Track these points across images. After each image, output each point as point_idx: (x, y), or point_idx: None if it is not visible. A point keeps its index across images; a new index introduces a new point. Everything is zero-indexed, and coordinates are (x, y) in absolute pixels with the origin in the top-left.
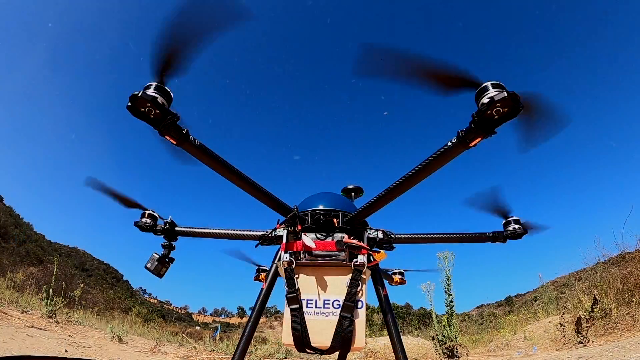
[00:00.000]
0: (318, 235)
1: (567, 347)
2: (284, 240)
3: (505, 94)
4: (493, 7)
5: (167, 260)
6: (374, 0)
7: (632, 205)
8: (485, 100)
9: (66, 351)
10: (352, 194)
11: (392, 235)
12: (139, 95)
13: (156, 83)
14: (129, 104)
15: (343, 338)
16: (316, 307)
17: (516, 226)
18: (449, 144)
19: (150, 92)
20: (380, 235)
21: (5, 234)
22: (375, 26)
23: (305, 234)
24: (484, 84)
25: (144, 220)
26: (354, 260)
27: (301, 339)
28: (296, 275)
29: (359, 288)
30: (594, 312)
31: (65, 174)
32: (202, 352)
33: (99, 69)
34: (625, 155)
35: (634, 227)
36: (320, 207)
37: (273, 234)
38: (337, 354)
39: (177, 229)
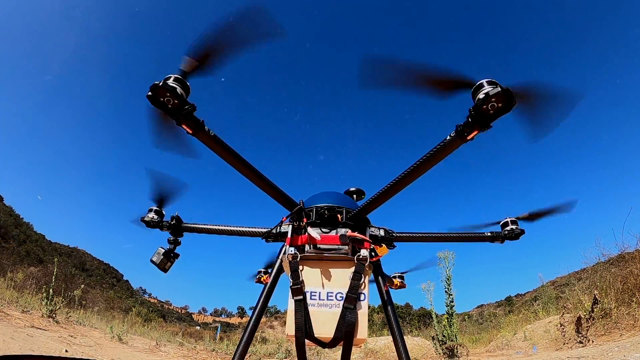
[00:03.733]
0: (322, 230)
1: (567, 347)
2: (289, 235)
3: (499, 89)
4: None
5: (172, 255)
6: (378, 1)
7: (632, 205)
8: (481, 95)
9: (66, 351)
10: (354, 196)
11: (393, 234)
12: (160, 85)
13: (175, 75)
14: (150, 93)
15: (346, 329)
16: (319, 299)
17: (513, 227)
18: (448, 137)
19: (171, 82)
20: (382, 233)
21: (5, 234)
22: (375, 25)
23: (310, 228)
24: (480, 81)
25: (150, 215)
26: (357, 254)
27: (304, 330)
28: (300, 268)
29: (362, 281)
30: (594, 312)
31: (65, 173)
32: (202, 352)
33: (99, 68)
34: (626, 155)
35: (634, 227)
36: (325, 204)
37: (278, 230)
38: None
39: (183, 225)
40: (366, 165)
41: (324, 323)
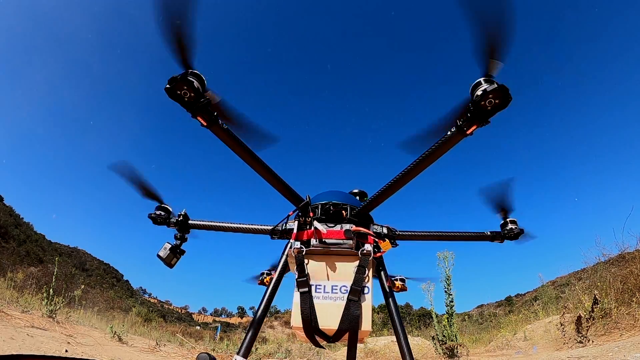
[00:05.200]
0: (328, 225)
1: (567, 346)
2: (295, 231)
3: (496, 86)
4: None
5: (178, 251)
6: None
7: (633, 205)
8: (479, 92)
9: (66, 351)
10: (357, 198)
11: (396, 232)
12: (178, 78)
13: (192, 70)
14: (168, 86)
15: (351, 321)
16: (324, 292)
17: (513, 226)
18: (449, 133)
19: (188, 76)
20: (385, 230)
21: (5, 234)
22: (376, 23)
23: (316, 222)
24: (478, 79)
25: (157, 212)
26: (361, 248)
27: (310, 322)
28: (306, 262)
29: (366, 274)
30: (594, 312)
31: (65, 173)
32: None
33: (98, 67)
34: (626, 155)
35: (634, 227)
36: (330, 201)
37: (284, 227)
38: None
39: (190, 222)
40: (366, 167)
41: (329, 315)
